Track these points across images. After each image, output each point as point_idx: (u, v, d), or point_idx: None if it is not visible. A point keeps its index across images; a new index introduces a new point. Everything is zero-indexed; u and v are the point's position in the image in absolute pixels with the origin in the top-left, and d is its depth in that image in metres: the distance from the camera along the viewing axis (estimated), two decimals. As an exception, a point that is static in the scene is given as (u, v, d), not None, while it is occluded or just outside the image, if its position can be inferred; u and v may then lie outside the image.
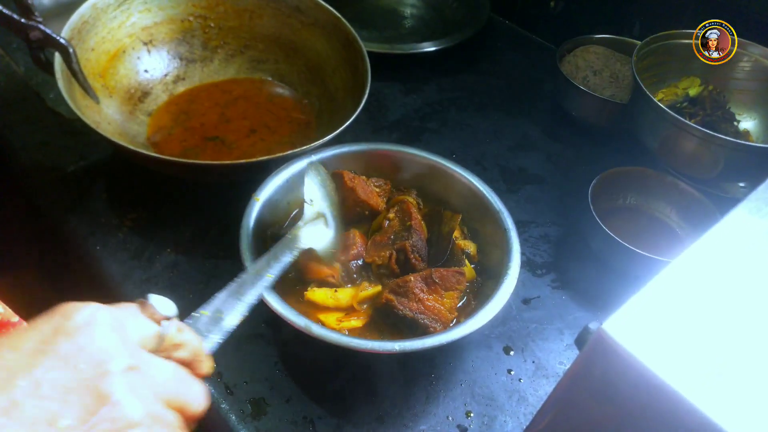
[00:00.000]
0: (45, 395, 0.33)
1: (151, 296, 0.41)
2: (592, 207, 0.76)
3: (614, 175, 0.81)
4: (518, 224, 0.69)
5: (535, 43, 1.20)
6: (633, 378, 0.43)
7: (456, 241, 0.71)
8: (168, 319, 0.41)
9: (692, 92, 0.87)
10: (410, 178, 0.77)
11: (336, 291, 0.66)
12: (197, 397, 0.40)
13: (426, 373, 0.66)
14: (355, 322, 0.64)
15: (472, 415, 0.63)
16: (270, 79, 0.97)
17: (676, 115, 0.75)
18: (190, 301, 0.53)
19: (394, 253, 0.66)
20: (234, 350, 0.65)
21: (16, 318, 0.56)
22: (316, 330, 0.57)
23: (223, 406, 0.61)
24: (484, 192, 0.73)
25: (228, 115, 0.90)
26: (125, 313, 0.39)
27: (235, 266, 0.53)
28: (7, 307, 0.56)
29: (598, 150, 0.96)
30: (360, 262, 0.69)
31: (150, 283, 0.71)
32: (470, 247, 0.72)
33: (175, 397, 0.38)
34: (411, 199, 0.73)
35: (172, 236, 0.76)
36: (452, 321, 0.64)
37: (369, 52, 1.03)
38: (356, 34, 0.89)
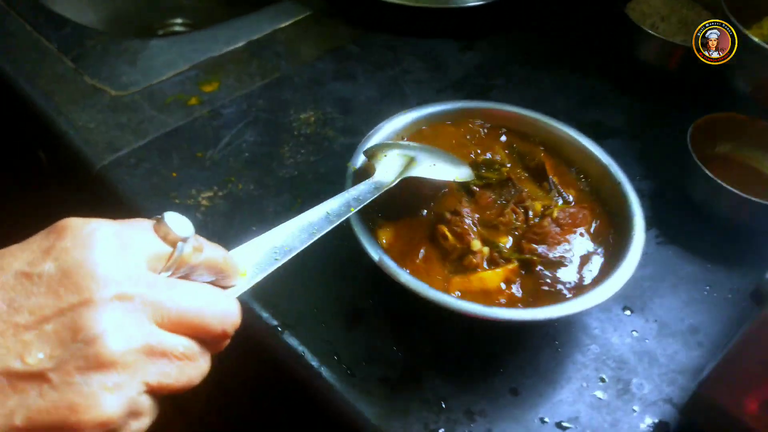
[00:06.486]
0: (21, 323, 0.30)
1: (168, 214, 0.36)
2: (694, 155, 0.72)
3: (706, 122, 0.78)
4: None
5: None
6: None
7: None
8: (184, 240, 0.35)
9: (780, 31, 0.82)
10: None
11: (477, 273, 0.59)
12: (222, 313, 0.36)
13: (549, 340, 0.62)
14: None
15: (606, 380, 0.60)
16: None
17: (781, 54, 0.71)
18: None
19: (513, 205, 0.63)
20: (345, 330, 0.61)
21: None
22: (451, 300, 0.53)
23: (346, 389, 0.57)
24: (587, 145, 0.69)
25: None
26: (133, 231, 0.34)
27: (324, 245, 0.48)
28: None
29: (673, 98, 0.92)
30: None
31: (241, 264, 0.66)
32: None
33: (190, 321, 0.34)
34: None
35: (255, 214, 0.71)
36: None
37: (418, 8, 0.98)
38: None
